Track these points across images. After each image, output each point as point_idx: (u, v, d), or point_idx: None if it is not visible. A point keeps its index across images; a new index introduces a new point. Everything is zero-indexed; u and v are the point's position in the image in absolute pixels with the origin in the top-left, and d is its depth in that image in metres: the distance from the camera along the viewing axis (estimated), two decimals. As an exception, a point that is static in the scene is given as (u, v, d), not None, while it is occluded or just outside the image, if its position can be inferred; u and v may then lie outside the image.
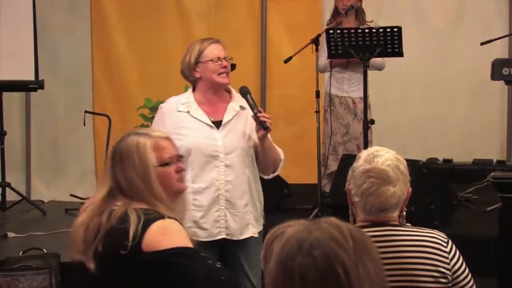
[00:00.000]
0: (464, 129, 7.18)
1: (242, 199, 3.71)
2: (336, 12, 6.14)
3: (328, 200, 5.52)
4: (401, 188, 2.54)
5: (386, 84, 6.92)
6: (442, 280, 2.52)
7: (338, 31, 5.38)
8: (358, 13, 6.11)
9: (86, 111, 6.43)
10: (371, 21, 6.09)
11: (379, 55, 5.43)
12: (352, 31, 5.38)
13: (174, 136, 2.85)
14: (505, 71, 5.22)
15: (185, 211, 2.76)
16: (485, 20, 7.12)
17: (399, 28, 5.29)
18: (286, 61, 5.76)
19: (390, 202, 2.53)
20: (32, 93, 6.90)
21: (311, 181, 6.19)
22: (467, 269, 2.57)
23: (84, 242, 2.52)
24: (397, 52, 5.36)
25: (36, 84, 6.40)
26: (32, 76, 6.38)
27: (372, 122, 5.46)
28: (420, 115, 7.22)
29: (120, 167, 2.58)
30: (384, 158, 2.54)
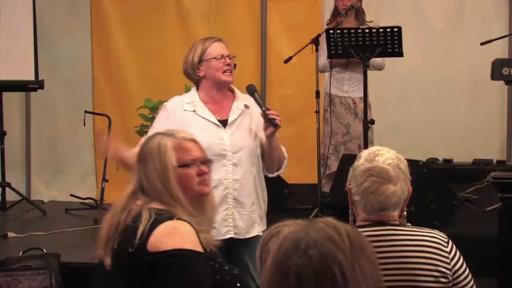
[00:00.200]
0: (464, 129, 7.18)
1: (249, 198, 3.72)
2: (336, 12, 6.14)
3: (328, 200, 5.52)
4: (402, 187, 2.54)
5: (386, 84, 6.91)
6: (442, 280, 2.51)
7: (338, 31, 5.37)
8: (358, 13, 6.11)
9: (86, 111, 6.43)
10: (371, 21, 6.09)
11: (379, 55, 5.43)
12: (352, 31, 5.38)
13: None
14: (505, 71, 5.21)
15: (210, 215, 2.71)
16: (485, 20, 7.12)
17: (399, 28, 5.29)
18: (286, 61, 5.76)
19: (390, 201, 2.53)
20: (32, 93, 6.89)
21: (311, 181, 6.19)
22: (468, 269, 2.57)
23: (106, 238, 2.55)
24: (397, 52, 5.37)
25: (36, 84, 6.40)
26: (32, 76, 6.38)
27: (372, 122, 5.46)
28: (420, 115, 7.21)
29: (143, 166, 2.59)
30: (385, 157, 2.55)
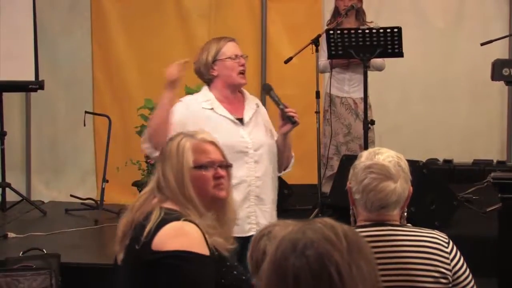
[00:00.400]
0: (464, 130, 7.17)
1: (269, 195, 3.76)
2: (336, 12, 6.14)
3: (328, 201, 5.51)
4: (402, 185, 2.54)
5: (386, 85, 6.91)
6: (442, 280, 2.51)
7: (338, 32, 5.37)
8: (359, 13, 6.10)
9: (86, 112, 6.44)
10: (371, 22, 6.09)
11: (379, 56, 5.43)
12: (352, 31, 5.38)
13: None
14: (505, 71, 5.20)
15: (230, 220, 2.68)
16: (485, 21, 7.11)
17: (399, 29, 5.29)
18: (286, 62, 5.75)
19: (390, 199, 2.53)
20: (32, 93, 6.89)
21: (311, 182, 6.18)
22: (468, 270, 2.57)
23: (122, 233, 2.57)
24: (397, 53, 5.37)
25: (36, 85, 6.40)
26: (32, 77, 6.38)
27: (372, 122, 5.46)
28: (420, 115, 7.21)
29: (162, 166, 2.60)
30: (385, 155, 2.56)
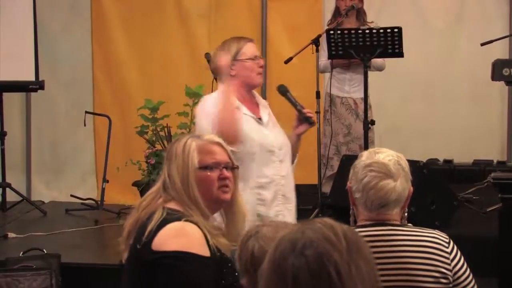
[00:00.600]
0: (464, 130, 7.17)
1: (293, 194, 3.79)
2: (337, 12, 6.13)
3: (328, 201, 5.51)
4: (402, 184, 2.54)
5: (386, 85, 6.90)
6: (442, 280, 2.51)
7: (339, 32, 5.37)
8: (360, 14, 6.10)
9: (86, 112, 6.43)
10: (371, 22, 6.09)
11: (379, 56, 5.43)
12: (353, 31, 5.38)
13: None
14: (506, 71, 5.20)
15: (236, 222, 2.69)
16: (485, 20, 7.11)
17: (400, 29, 5.29)
18: (286, 62, 5.75)
19: (390, 197, 2.53)
20: (32, 93, 6.88)
21: (311, 182, 6.18)
22: (469, 270, 2.57)
23: (128, 232, 2.58)
24: (398, 53, 5.37)
25: (36, 85, 6.39)
26: (32, 77, 6.38)
27: (372, 122, 5.46)
28: (420, 115, 7.20)
29: (168, 165, 2.61)
30: (385, 154, 2.57)
